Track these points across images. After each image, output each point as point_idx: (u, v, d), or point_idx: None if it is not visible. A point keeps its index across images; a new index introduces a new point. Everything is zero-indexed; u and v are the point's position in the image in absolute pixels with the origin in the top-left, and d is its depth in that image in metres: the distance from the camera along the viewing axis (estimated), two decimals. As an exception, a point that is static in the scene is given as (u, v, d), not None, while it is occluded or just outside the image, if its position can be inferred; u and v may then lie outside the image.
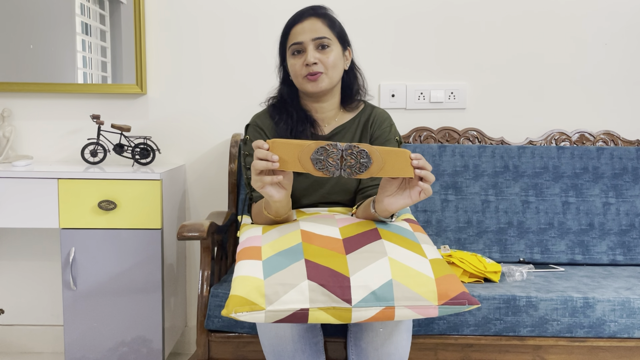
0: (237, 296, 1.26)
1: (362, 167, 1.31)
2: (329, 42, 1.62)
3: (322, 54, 1.61)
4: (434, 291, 1.28)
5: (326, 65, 1.61)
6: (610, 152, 2.23)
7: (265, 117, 1.71)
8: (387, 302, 1.27)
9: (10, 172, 1.97)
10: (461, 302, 1.29)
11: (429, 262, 1.34)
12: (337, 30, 1.66)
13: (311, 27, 1.61)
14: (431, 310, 1.28)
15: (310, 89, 1.63)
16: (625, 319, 1.68)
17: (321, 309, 1.26)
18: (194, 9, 2.33)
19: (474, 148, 2.23)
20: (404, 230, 1.46)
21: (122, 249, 1.99)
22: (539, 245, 2.14)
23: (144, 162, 2.18)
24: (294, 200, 1.68)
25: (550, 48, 2.33)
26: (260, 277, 1.29)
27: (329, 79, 1.63)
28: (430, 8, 2.32)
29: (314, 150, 1.30)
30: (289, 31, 1.64)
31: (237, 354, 1.71)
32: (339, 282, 1.27)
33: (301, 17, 1.63)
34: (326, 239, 1.39)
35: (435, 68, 2.35)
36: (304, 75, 1.62)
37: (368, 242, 1.37)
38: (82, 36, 2.32)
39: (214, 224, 1.80)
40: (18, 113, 2.35)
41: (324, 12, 1.65)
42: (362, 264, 1.31)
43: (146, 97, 2.36)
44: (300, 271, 1.29)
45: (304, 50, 1.61)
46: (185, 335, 2.41)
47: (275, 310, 1.25)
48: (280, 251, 1.36)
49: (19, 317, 2.43)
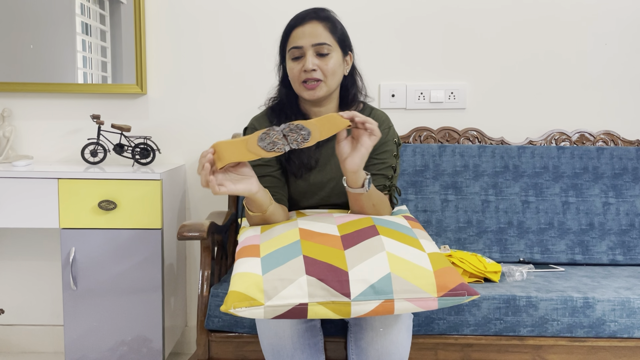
0: (236, 292, 1.27)
1: (305, 138, 1.37)
2: (329, 49, 1.58)
3: (321, 61, 1.58)
4: (433, 283, 1.29)
5: (325, 73, 1.58)
6: (610, 152, 2.23)
7: (263, 120, 1.70)
8: (386, 295, 1.27)
9: (10, 172, 1.97)
10: (460, 293, 1.29)
11: (427, 256, 1.35)
12: (339, 34, 1.62)
13: (312, 32, 1.58)
14: (431, 302, 1.29)
15: (307, 96, 1.61)
16: (625, 319, 1.68)
17: (320, 304, 1.27)
18: (194, 9, 2.33)
19: (474, 148, 2.23)
20: (401, 226, 1.47)
21: (122, 249, 1.99)
22: (539, 245, 2.14)
23: (144, 162, 2.18)
24: (293, 203, 1.68)
25: (550, 48, 2.33)
26: (259, 273, 1.29)
27: (327, 87, 1.60)
28: (431, 10, 2.32)
29: (258, 138, 1.36)
30: (289, 33, 1.61)
31: (237, 354, 1.71)
32: (337, 276, 1.28)
33: (303, 19, 1.60)
34: (324, 236, 1.39)
35: (435, 68, 2.35)
36: (301, 80, 1.59)
37: (366, 237, 1.38)
38: (83, 36, 2.32)
39: (214, 224, 1.80)
40: (18, 113, 2.36)
41: (326, 16, 1.62)
42: (360, 259, 1.31)
43: (146, 97, 2.36)
44: (298, 266, 1.29)
45: (303, 55, 1.58)
46: (186, 335, 2.41)
47: (274, 306, 1.26)
48: (278, 248, 1.36)
49: (19, 317, 2.43)
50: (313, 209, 1.67)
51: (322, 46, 1.58)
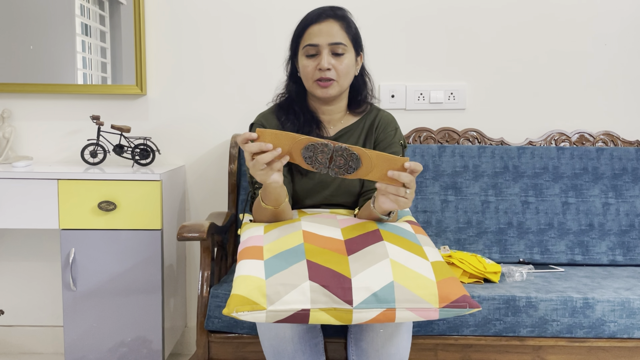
0: (238, 295, 1.26)
1: (349, 169, 1.32)
2: (344, 49, 1.58)
3: (336, 60, 1.58)
4: (435, 294, 1.29)
5: (339, 73, 1.59)
6: (610, 152, 2.23)
7: (271, 117, 1.69)
8: (388, 304, 1.27)
9: (10, 173, 1.97)
10: (462, 305, 1.29)
11: (430, 265, 1.35)
12: (353, 34, 1.62)
13: (328, 30, 1.57)
14: (432, 312, 1.29)
15: (320, 94, 1.61)
16: (625, 320, 1.68)
17: (322, 310, 1.26)
18: (193, 10, 2.33)
19: (473, 148, 2.23)
20: (405, 231, 1.46)
21: (122, 249, 1.99)
22: (539, 245, 2.14)
23: (143, 162, 2.18)
24: (297, 201, 1.68)
25: (549, 48, 2.33)
26: (262, 276, 1.29)
27: (339, 87, 1.61)
28: (431, 11, 2.32)
29: (305, 145, 1.30)
30: (304, 29, 1.60)
31: (237, 355, 1.71)
32: (340, 283, 1.27)
33: (319, 17, 1.59)
34: (328, 240, 1.39)
35: (435, 68, 2.35)
36: (315, 79, 1.59)
37: (370, 243, 1.37)
38: (82, 37, 2.32)
39: (213, 224, 1.80)
40: (18, 114, 2.36)
41: (342, 15, 1.62)
42: (363, 266, 1.31)
43: (146, 97, 2.36)
44: (301, 272, 1.29)
45: (318, 53, 1.58)
46: (185, 336, 2.41)
47: (276, 310, 1.25)
48: (282, 251, 1.35)
49: (19, 317, 2.43)
50: (316, 209, 1.67)
51: (337, 46, 1.58)
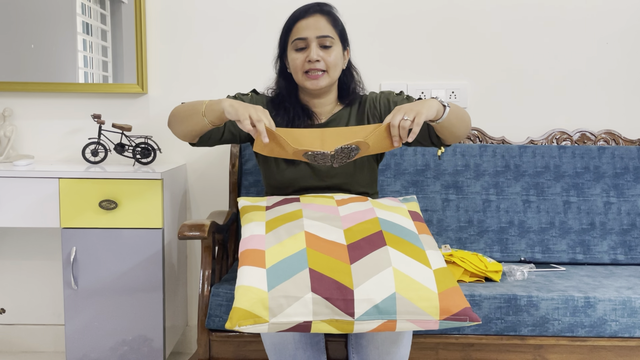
0: (240, 309, 1.26)
1: (351, 157, 1.43)
2: (331, 42, 1.65)
3: (325, 53, 1.64)
4: (437, 306, 1.29)
5: (328, 64, 1.64)
6: (612, 151, 2.23)
7: (269, 107, 1.75)
8: (389, 316, 1.28)
9: (11, 172, 1.97)
10: (462, 318, 1.30)
11: (433, 273, 1.34)
12: (340, 29, 1.69)
13: (316, 24, 1.63)
14: (432, 324, 1.29)
15: (309, 86, 1.66)
16: (626, 319, 1.68)
17: (324, 321, 1.28)
18: (194, 9, 2.33)
19: (475, 147, 2.23)
20: (409, 232, 1.45)
21: (123, 248, 1.99)
22: (540, 244, 2.14)
23: (144, 161, 2.18)
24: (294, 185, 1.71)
25: (551, 47, 2.33)
26: (264, 288, 1.28)
27: (329, 78, 1.66)
28: (431, 7, 2.32)
29: (304, 153, 1.41)
30: (292, 25, 1.66)
31: (238, 354, 1.71)
32: (342, 294, 1.28)
33: (306, 12, 1.65)
34: (331, 245, 1.38)
35: (437, 67, 2.35)
36: (305, 70, 1.64)
37: (373, 249, 1.37)
38: (83, 36, 2.32)
39: (214, 223, 1.80)
40: (19, 112, 2.36)
41: (329, 10, 1.68)
42: (366, 275, 1.31)
43: (147, 96, 2.36)
44: (304, 282, 1.29)
45: (307, 46, 1.64)
46: (186, 335, 2.41)
47: (278, 323, 1.26)
48: (284, 258, 1.35)
49: (20, 316, 2.43)
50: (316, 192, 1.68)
51: (325, 38, 1.64)
